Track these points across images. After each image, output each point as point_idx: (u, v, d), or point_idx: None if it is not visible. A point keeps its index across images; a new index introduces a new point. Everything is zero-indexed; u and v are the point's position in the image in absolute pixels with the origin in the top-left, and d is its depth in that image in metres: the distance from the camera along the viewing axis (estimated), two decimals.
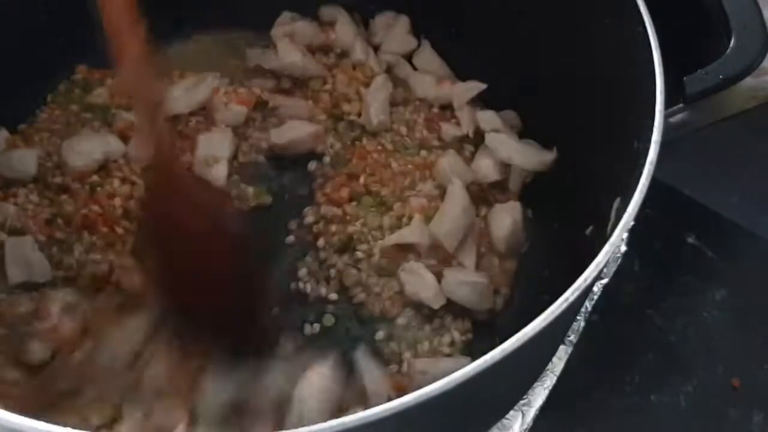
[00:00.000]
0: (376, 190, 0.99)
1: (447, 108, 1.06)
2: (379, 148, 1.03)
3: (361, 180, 1.00)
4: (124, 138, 1.01)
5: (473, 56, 1.06)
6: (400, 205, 0.98)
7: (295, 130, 1.03)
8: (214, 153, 1.01)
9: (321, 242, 0.97)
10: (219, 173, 1.00)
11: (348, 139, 1.04)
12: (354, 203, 0.99)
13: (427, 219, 0.95)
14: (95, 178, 0.99)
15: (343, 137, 1.05)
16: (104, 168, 1.00)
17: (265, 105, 1.05)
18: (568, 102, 0.91)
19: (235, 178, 1.02)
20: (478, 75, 1.05)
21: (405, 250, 0.95)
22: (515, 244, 0.97)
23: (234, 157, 1.03)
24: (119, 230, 0.95)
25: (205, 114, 1.05)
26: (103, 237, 0.95)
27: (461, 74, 1.08)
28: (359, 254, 0.95)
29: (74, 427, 0.55)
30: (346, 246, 0.96)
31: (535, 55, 0.96)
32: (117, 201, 0.97)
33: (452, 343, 0.92)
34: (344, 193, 0.99)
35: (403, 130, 1.04)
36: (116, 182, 0.99)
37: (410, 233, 0.94)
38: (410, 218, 0.96)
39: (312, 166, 1.04)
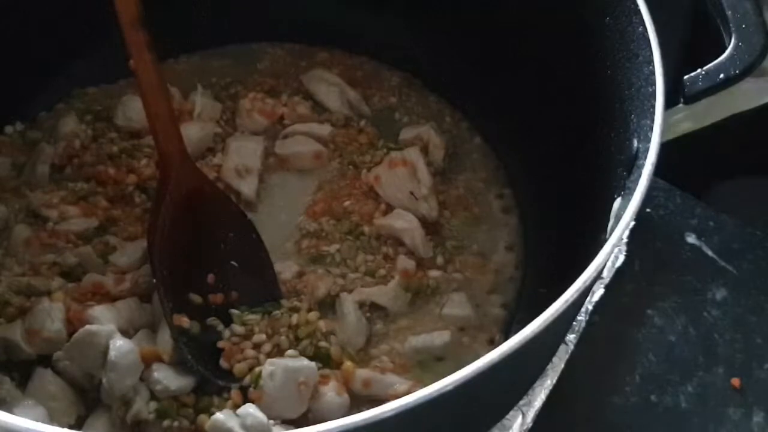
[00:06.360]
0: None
1: None
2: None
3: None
4: None
5: (470, 59, 1.06)
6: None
7: (299, 145, 1.01)
8: (245, 162, 0.98)
9: None
10: (250, 186, 0.97)
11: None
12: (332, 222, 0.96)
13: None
14: (127, 144, 0.98)
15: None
16: (138, 140, 0.99)
17: (282, 118, 1.04)
18: (567, 102, 0.91)
19: None
20: (476, 75, 1.05)
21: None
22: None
23: None
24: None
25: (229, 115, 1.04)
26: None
27: (456, 77, 1.08)
28: None
29: None
30: None
31: (534, 55, 0.96)
32: (132, 178, 0.96)
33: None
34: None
35: None
36: (143, 160, 0.97)
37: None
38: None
39: None
